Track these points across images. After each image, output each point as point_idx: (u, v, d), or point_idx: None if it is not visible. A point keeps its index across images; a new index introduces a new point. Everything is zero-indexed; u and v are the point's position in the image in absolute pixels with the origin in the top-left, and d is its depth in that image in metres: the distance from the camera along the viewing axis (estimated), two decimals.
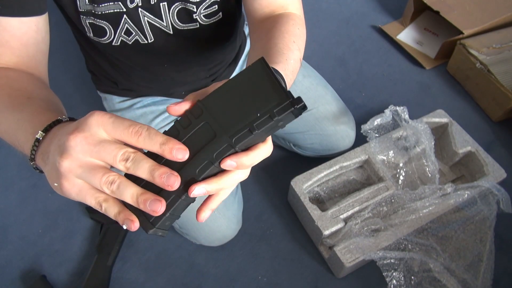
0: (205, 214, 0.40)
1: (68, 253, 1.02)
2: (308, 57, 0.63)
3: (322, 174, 0.97)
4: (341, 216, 0.91)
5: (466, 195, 0.90)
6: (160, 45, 0.71)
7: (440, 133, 1.08)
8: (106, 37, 0.66)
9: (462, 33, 1.27)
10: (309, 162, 1.03)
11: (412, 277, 0.88)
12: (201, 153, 0.37)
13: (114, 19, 0.64)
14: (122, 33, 0.67)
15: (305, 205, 0.92)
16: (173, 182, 0.35)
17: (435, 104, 1.19)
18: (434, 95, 1.31)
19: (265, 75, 0.38)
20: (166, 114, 0.90)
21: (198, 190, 0.37)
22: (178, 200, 0.37)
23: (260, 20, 0.67)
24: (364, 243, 0.86)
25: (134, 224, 0.36)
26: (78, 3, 0.60)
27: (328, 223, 0.90)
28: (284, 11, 0.66)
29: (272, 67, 0.47)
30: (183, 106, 0.39)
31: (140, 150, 0.37)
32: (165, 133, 0.38)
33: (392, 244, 0.87)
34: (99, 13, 0.61)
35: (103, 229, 1.01)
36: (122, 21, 0.65)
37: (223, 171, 0.39)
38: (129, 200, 0.35)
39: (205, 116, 0.37)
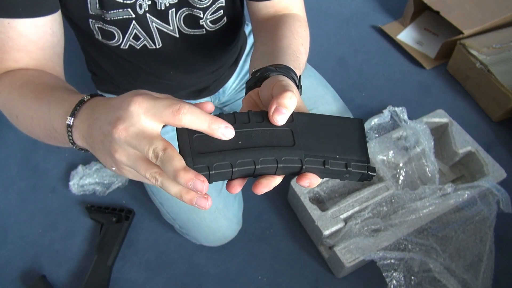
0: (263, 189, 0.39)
1: (68, 253, 1.02)
2: (308, 57, 0.63)
3: None
4: (341, 216, 0.91)
5: (466, 195, 0.91)
6: (168, 51, 0.71)
7: (440, 133, 1.08)
8: (114, 41, 0.67)
9: (462, 33, 1.27)
10: None
11: (412, 277, 0.88)
12: (272, 149, 0.38)
13: (123, 25, 0.64)
14: (131, 38, 0.67)
15: (305, 205, 0.92)
16: (200, 188, 0.34)
17: (435, 104, 1.19)
18: (434, 95, 1.30)
19: (358, 132, 0.41)
20: None
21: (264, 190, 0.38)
22: (230, 173, 0.38)
23: (265, 20, 0.67)
24: (364, 243, 0.86)
25: (208, 202, 0.36)
26: (89, 6, 0.60)
27: (328, 223, 0.90)
28: (288, 11, 0.67)
29: (292, 70, 0.49)
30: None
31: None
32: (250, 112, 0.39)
33: (392, 244, 0.87)
34: (108, 19, 0.62)
35: (103, 229, 1.01)
36: (131, 27, 0.65)
37: (276, 170, 0.39)
38: (172, 195, 0.36)
39: (292, 125, 0.39)
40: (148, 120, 0.36)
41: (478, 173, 1.00)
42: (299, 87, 0.49)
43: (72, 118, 0.42)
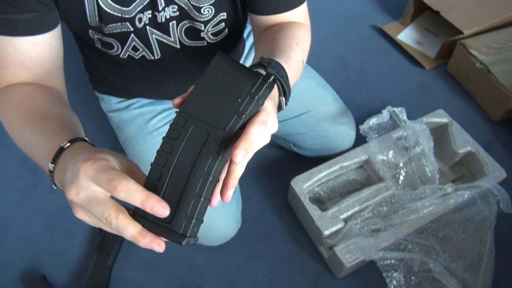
0: (230, 193, 0.40)
1: (68, 253, 1.02)
2: (308, 57, 0.63)
3: (322, 174, 0.97)
4: (341, 216, 0.91)
5: (466, 195, 0.90)
6: (167, 61, 0.72)
7: (440, 133, 1.08)
8: (113, 50, 0.67)
9: (462, 33, 1.27)
10: (309, 162, 1.03)
11: (412, 278, 0.88)
12: (203, 154, 0.38)
13: (122, 37, 0.64)
14: (129, 49, 0.68)
15: (305, 205, 0.92)
16: (158, 249, 0.39)
17: (435, 104, 1.19)
18: (434, 95, 1.30)
19: (229, 66, 0.40)
20: (164, 114, 0.90)
21: (229, 194, 0.40)
22: (198, 203, 0.38)
23: (265, 29, 0.68)
24: (364, 243, 0.86)
25: (161, 247, 0.39)
26: (88, 19, 0.60)
27: (328, 223, 0.90)
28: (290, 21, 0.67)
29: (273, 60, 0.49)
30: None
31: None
32: (159, 151, 0.39)
33: (392, 244, 0.87)
34: (107, 32, 0.62)
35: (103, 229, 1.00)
36: (130, 39, 0.65)
37: (229, 160, 0.39)
38: (130, 239, 0.38)
39: (190, 122, 0.39)
40: (95, 186, 0.38)
41: (478, 173, 1.00)
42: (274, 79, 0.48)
43: (54, 164, 0.45)
